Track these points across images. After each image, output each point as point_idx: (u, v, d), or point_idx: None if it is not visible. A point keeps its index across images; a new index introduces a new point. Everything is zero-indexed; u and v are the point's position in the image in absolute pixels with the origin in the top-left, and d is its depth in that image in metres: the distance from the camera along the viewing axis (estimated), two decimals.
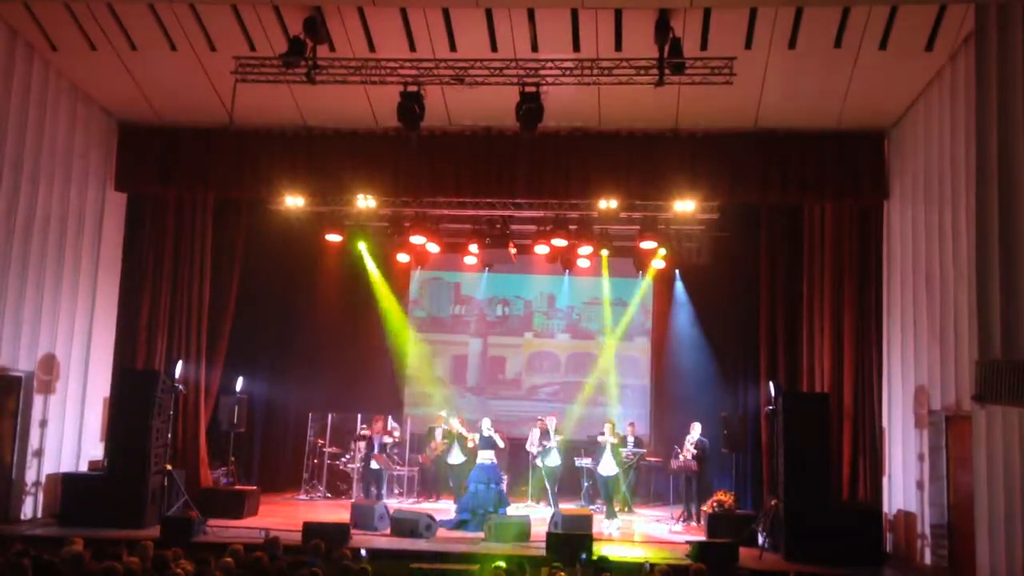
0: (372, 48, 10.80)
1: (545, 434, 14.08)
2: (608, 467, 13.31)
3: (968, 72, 9.34)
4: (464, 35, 10.58)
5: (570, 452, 14.21)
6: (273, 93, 11.16)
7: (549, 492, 13.99)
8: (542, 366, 16.53)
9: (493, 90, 10.53)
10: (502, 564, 6.94)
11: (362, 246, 15.53)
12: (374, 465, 13.53)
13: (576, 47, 10.59)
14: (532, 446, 14.17)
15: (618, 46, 10.50)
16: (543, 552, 10.05)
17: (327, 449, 14.77)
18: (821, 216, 12.81)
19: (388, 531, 11.40)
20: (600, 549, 10.22)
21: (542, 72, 10.36)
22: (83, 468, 12.46)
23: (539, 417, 14.59)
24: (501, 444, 12.67)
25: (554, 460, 13.95)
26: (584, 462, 13.99)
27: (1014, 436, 8.40)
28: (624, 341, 16.37)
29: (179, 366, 12.68)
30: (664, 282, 16.07)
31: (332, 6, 10.14)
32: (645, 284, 16.16)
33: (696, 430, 13.37)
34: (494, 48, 10.66)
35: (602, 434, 13.50)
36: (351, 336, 16.10)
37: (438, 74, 10.47)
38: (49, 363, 11.94)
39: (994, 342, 7.83)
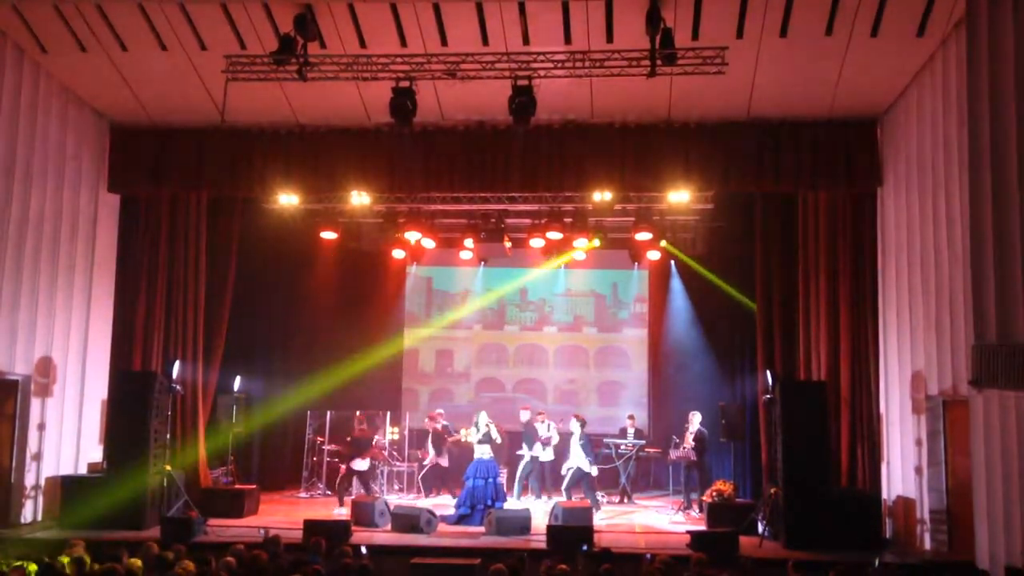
0: (363, 44, 10.77)
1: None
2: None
3: (960, 57, 9.35)
4: (455, 29, 10.56)
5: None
6: (265, 91, 11.14)
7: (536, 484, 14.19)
8: (534, 358, 16.64)
9: (485, 84, 10.52)
10: (502, 567, 6.93)
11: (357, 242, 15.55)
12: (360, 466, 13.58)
13: (568, 40, 10.57)
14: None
15: (609, 38, 10.49)
16: (544, 545, 10.09)
17: (326, 447, 14.77)
18: (815, 204, 12.82)
19: (389, 527, 11.42)
20: None
21: (534, 65, 10.35)
22: (82, 470, 12.45)
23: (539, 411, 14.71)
24: (498, 439, 12.68)
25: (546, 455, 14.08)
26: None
27: (1011, 420, 8.42)
28: (621, 332, 16.42)
29: (176, 366, 12.66)
30: (660, 273, 16.09)
31: (322, 3, 10.13)
32: (640, 275, 16.24)
33: (696, 420, 13.40)
34: (485, 42, 10.64)
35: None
36: (348, 333, 16.09)
37: (430, 69, 10.45)
38: (46, 366, 11.92)
39: (989, 326, 7.83)
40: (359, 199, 13.58)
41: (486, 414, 12.75)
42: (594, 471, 13.22)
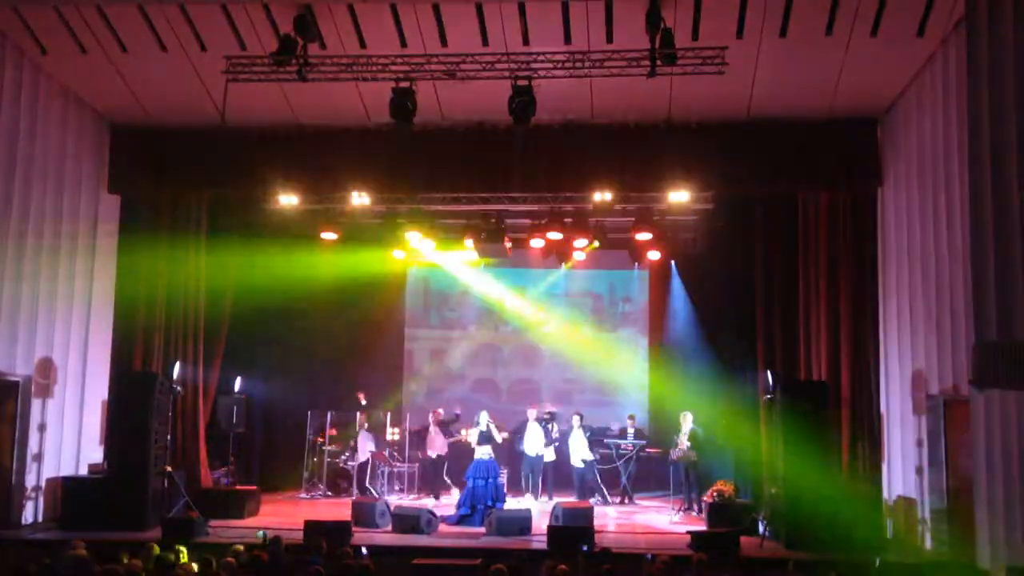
0: (363, 45, 10.78)
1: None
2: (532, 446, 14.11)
3: (960, 57, 9.34)
4: (455, 30, 10.57)
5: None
6: (265, 92, 11.13)
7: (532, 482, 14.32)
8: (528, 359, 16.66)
9: (485, 84, 10.50)
10: (502, 567, 6.92)
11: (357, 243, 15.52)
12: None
13: (567, 40, 10.58)
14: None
15: (609, 38, 10.49)
16: (544, 545, 10.10)
17: (327, 447, 14.77)
18: (816, 204, 12.81)
19: (389, 528, 11.42)
20: None
21: (534, 65, 10.34)
22: (83, 471, 12.43)
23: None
24: (499, 439, 12.71)
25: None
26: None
27: (1012, 420, 8.42)
28: (621, 332, 16.41)
29: (177, 367, 12.67)
30: (660, 273, 16.09)
31: (322, 4, 10.13)
32: (640, 275, 16.24)
33: (688, 420, 13.40)
34: (485, 42, 10.64)
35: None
36: (349, 333, 16.08)
37: (429, 70, 10.44)
38: (46, 367, 11.92)
39: (990, 325, 7.84)
40: (359, 199, 13.56)
41: (487, 414, 12.75)
42: (590, 455, 13.56)
